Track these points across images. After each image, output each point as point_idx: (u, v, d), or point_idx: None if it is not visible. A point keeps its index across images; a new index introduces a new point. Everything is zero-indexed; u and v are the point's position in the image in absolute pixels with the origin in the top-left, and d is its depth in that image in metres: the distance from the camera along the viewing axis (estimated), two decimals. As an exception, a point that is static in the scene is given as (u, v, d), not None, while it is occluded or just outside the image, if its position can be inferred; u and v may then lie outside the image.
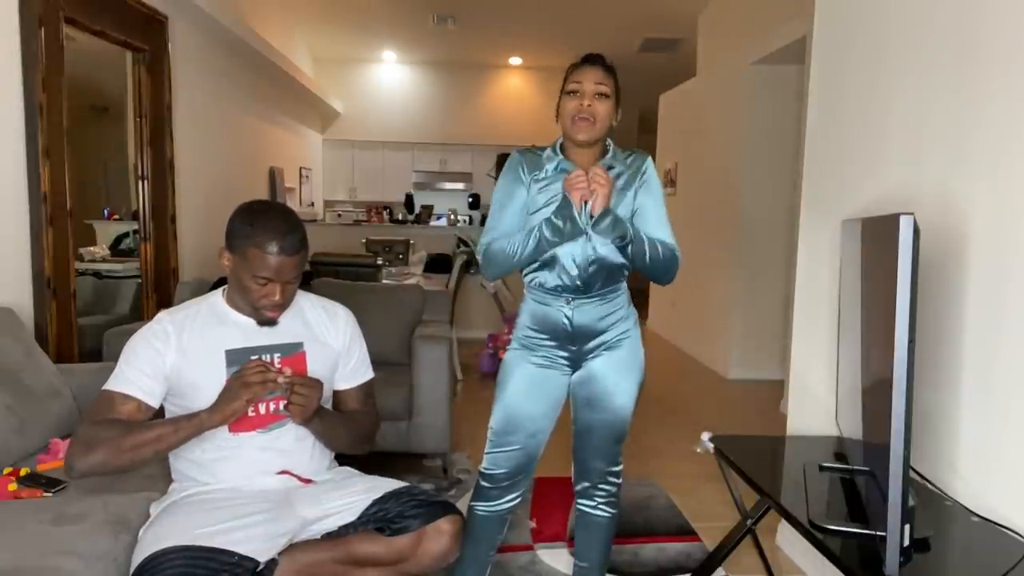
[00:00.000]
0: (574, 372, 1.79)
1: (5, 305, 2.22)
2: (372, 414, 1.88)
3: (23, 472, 1.83)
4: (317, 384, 1.61)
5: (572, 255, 1.70)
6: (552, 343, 1.77)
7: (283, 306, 1.65)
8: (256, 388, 1.52)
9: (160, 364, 1.58)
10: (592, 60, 1.72)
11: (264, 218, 1.56)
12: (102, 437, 1.48)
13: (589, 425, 1.82)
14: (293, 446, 1.67)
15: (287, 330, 1.70)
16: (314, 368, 1.71)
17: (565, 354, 1.77)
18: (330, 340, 1.78)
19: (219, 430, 1.58)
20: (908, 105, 1.87)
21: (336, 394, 1.83)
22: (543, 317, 1.76)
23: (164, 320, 1.63)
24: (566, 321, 1.74)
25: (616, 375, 1.78)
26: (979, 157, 1.62)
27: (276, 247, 1.54)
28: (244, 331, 1.66)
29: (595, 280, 1.73)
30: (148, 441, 1.49)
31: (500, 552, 1.85)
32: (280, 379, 1.54)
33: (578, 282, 1.72)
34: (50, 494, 1.74)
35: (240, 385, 1.51)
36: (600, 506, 1.88)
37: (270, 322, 1.67)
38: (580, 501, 1.91)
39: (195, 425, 1.52)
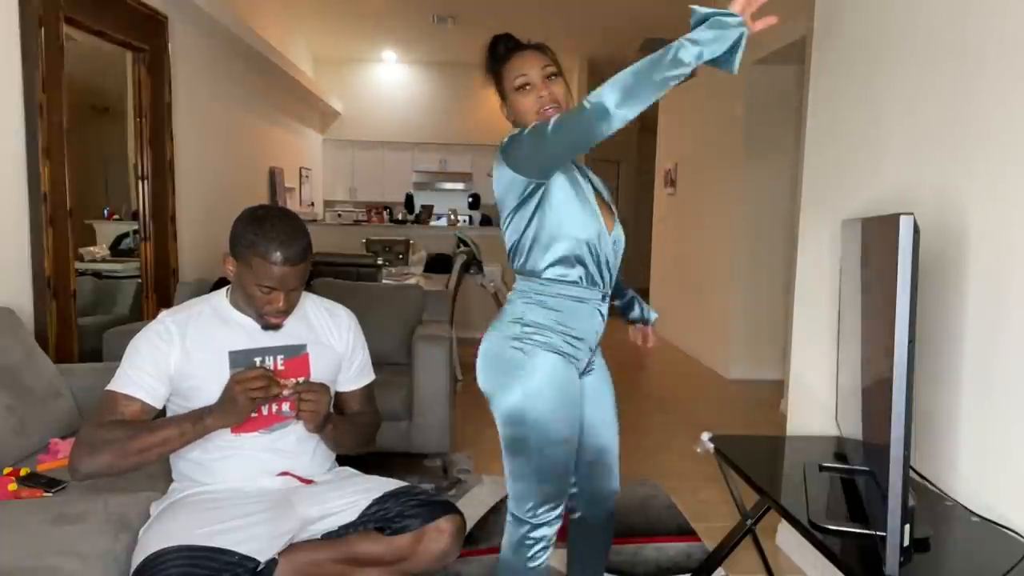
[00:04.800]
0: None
1: (5, 305, 2.22)
2: (375, 415, 1.89)
3: (23, 472, 1.83)
4: (324, 388, 1.62)
5: (606, 241, 1.56)
6: (582, 348, 1.57)
7: (287, 312, 1.65)
8: (259, 399, 1.53)
9: (164, 364, 1.58)
10: (519, 47, 1.56)
11: (268, 226, 1.54)
12: (107, 439, 1.48)
13: (606, 446, 1.70)
14: (295, 447, 1.67)
15: (290, 332, 1.70)
16: (317, 370, 1.71)
17: (580, 364, 1.60)
18: (333, 342, 1.78)
19: (221, 431, 1.58)
20: (908, 105, 1.87)
21: (339, 396, 1.83)
22: (578, 317, 1.55)
23: (167, 320, 1.63)
24: (600, 319, 1.58)
25: (608, 385, 1.72)
26: (979, 157, 1.62)
27: (280, 257, 1.53)
28: (248, 332, 1.66)
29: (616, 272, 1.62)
30: (153, 444, 1.49)
31: (498, 551, 1.82)
32: (285, 392, 1.55)
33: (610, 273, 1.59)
34: (50, 494, 1.74)
35: (242, 392, 1.51)
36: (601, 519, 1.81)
37: (274, 327, 1.67)
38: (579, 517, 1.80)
39: (199, 431, 1.52)
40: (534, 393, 1.49)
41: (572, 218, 1.52)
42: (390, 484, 1.71)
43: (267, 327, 1.66)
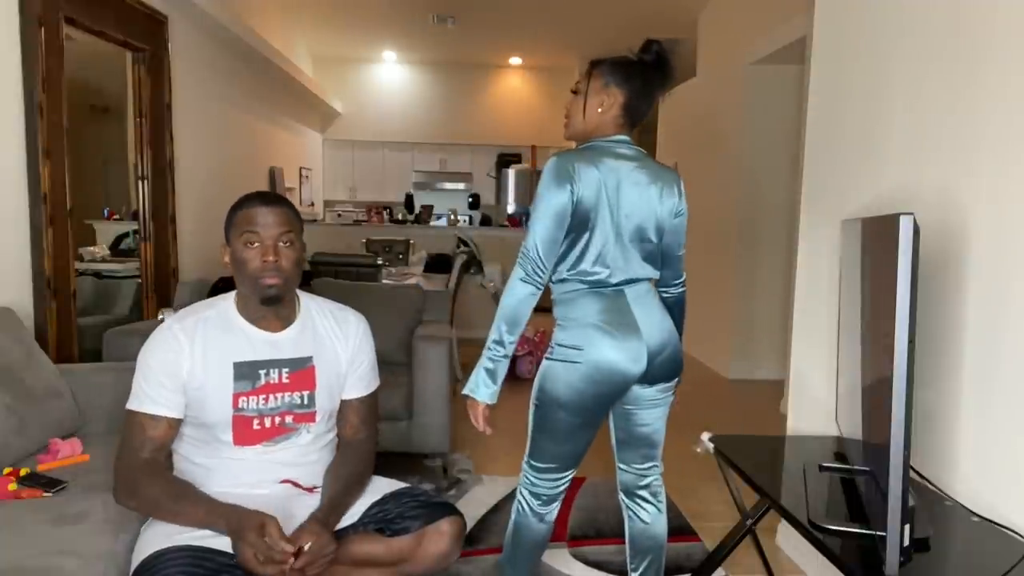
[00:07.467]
0: None
1: (5, 305, 2.22)
2: (370, 440, 1.79)
3: (23, 472, 1.82)
4: (329, 543, 1.45)
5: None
6: None
7: (280, 271, 1.57)
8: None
9: (177, 373, 1.56)
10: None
11: (247, 194, 1.65)
12: (144, 494, 1.51)
13: None
14: (297, 459, 1.65)
15: (296, 344, 1.66)
16: (323, 381, 1.68)
17: None
18: (339, 349, 1.73)
19: (223, 442, 1.58)
20: (908, 105, 1.87)
21: (339, 406, 1.77)
22: None
23: (174, 328, 1.59)
24: None
25: None
26: (979, 157, 1.62)
27: (258, 200, 1.60)
28: (251, 343, 1.62)
29: None
30: (183, 514, 1.48)
31: (499, 552, 1.82)
32: (297, 564, 1.40)
33: None
34: (50, 494, 1.74)
35: (253, 555, 1.37)
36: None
37: (274, 298, 1.59)
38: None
39: (218, 529, 1.44)
40: None
41: None
42: (390, 485, 1.71)
43: (266, 299, 1.59)
